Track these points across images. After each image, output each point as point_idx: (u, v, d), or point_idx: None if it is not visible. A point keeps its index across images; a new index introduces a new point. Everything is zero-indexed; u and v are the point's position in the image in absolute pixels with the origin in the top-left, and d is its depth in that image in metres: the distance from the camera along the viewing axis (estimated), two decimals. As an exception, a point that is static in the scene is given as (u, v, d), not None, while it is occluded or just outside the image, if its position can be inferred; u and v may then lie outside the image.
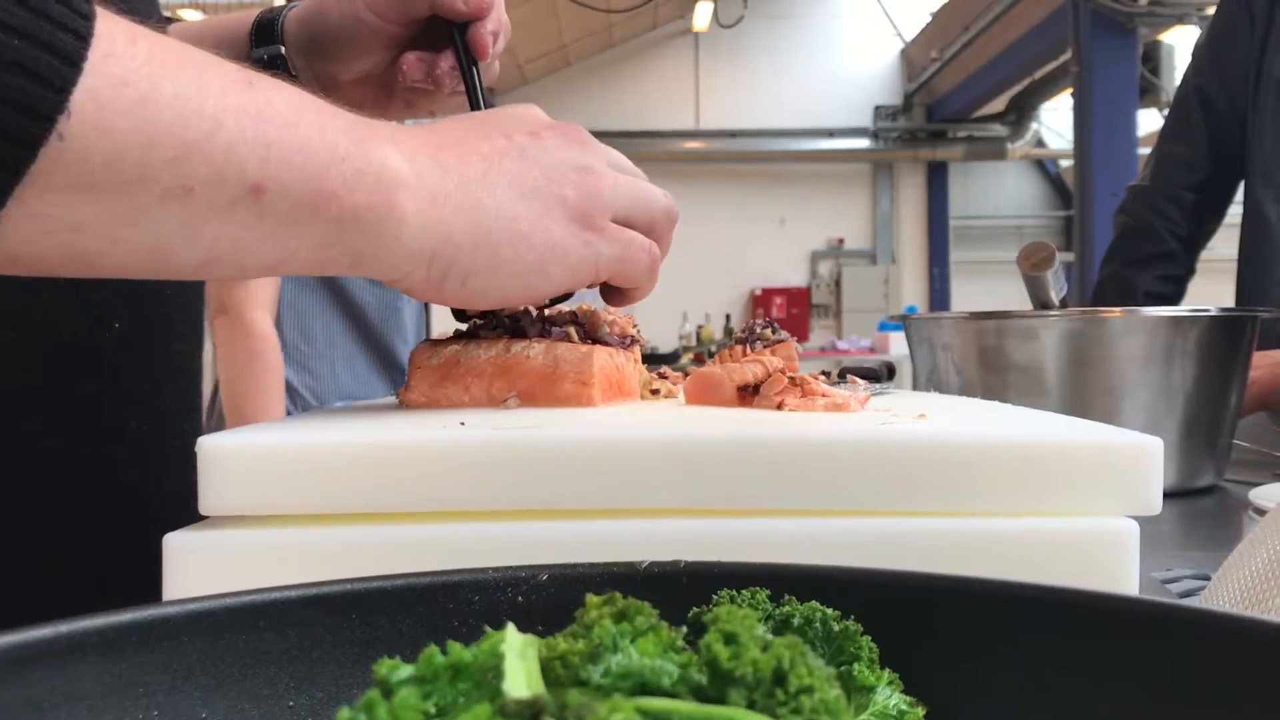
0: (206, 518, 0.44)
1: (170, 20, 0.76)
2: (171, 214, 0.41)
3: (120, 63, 0.38)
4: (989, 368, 1.06)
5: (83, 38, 0.37)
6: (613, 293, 0.60)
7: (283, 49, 0.73)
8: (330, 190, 0.44)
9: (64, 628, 0.28)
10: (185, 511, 0.44)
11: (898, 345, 7.43)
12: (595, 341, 0.59)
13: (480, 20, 0.69)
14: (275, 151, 0.42)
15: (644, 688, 0.23)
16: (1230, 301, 1.73)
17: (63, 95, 0.36)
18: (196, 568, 0.43)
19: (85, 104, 0.37)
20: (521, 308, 0.59)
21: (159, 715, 0.29)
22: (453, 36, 0.69)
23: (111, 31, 0.38)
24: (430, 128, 0.52)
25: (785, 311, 10.82)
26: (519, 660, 0.23)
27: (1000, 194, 12.03)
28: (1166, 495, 0.45)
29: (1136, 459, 0.44)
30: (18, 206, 0.37)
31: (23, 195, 0.37)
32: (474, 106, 0.68)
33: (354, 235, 0.46)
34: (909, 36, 10.67)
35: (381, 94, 0.75)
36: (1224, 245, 1.85)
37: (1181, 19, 7.02)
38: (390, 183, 0.46)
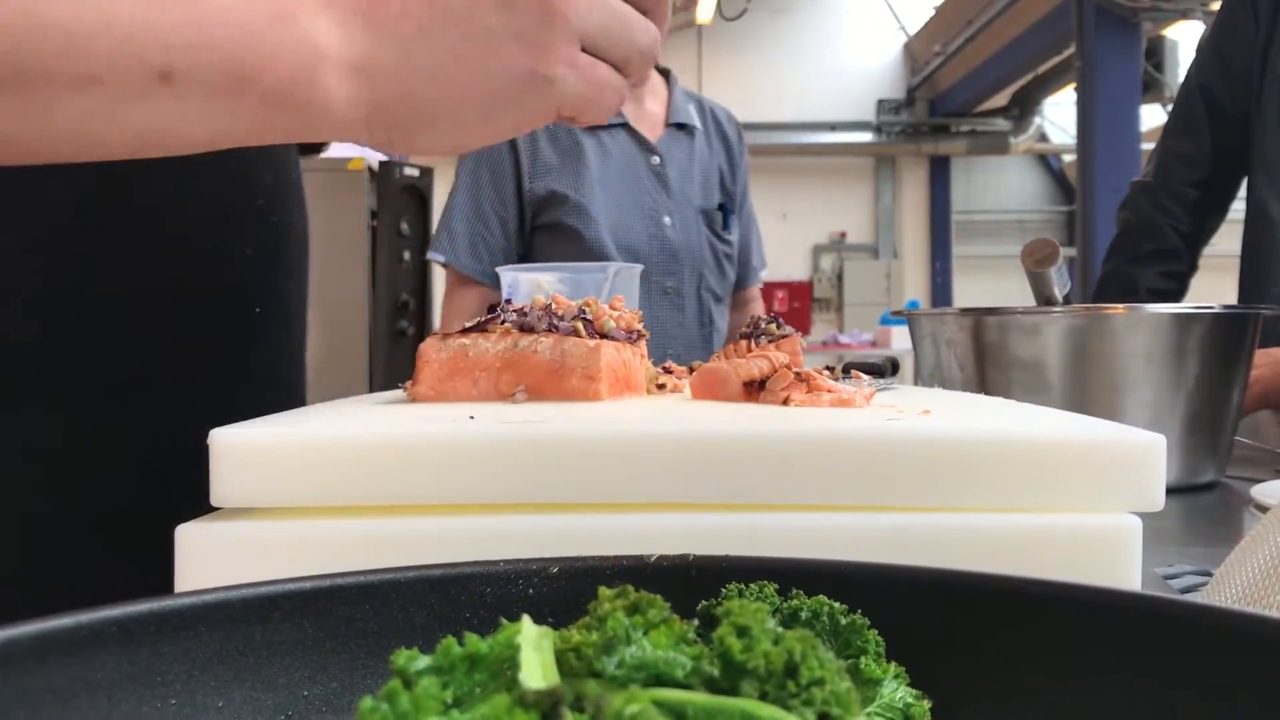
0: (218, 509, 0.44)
1: None
2: (84, 103, 0.42)
3: None
4: (992, 364, 1.06)
5: None
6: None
7: None
8: (246, 73, 0.44)
9: (84, 617, 0.28)
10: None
11: (899, 339, 7.44)
12: (602, 336, 0.60)
13: None
14: (179, 37, 0.42)
15: (658, 679, 0.23)
16: (1232, 298, 1.74)
17: None
18: (207, 559, 0.43)
19: None
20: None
21: (176, 704, 0.29)
22: None
23: None
24: None
25: (787, 305, 10.82)
26: (535, 652, 0.23)
27: (1002, 189, 12.03)
28: (1168, 491, 0.45)
29: (1140, 456, 0.44)
30: None
31: None
32: None
33: (280, 113, 0.46)
34: (912, 30, 10.66)
35: None
36: (1226, 242, 1.86)
37: (1185, 14, 7.01)
38: (310, 57, 0.45)
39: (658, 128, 2.00)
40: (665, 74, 2.07)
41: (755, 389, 0.58)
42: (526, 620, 0.25)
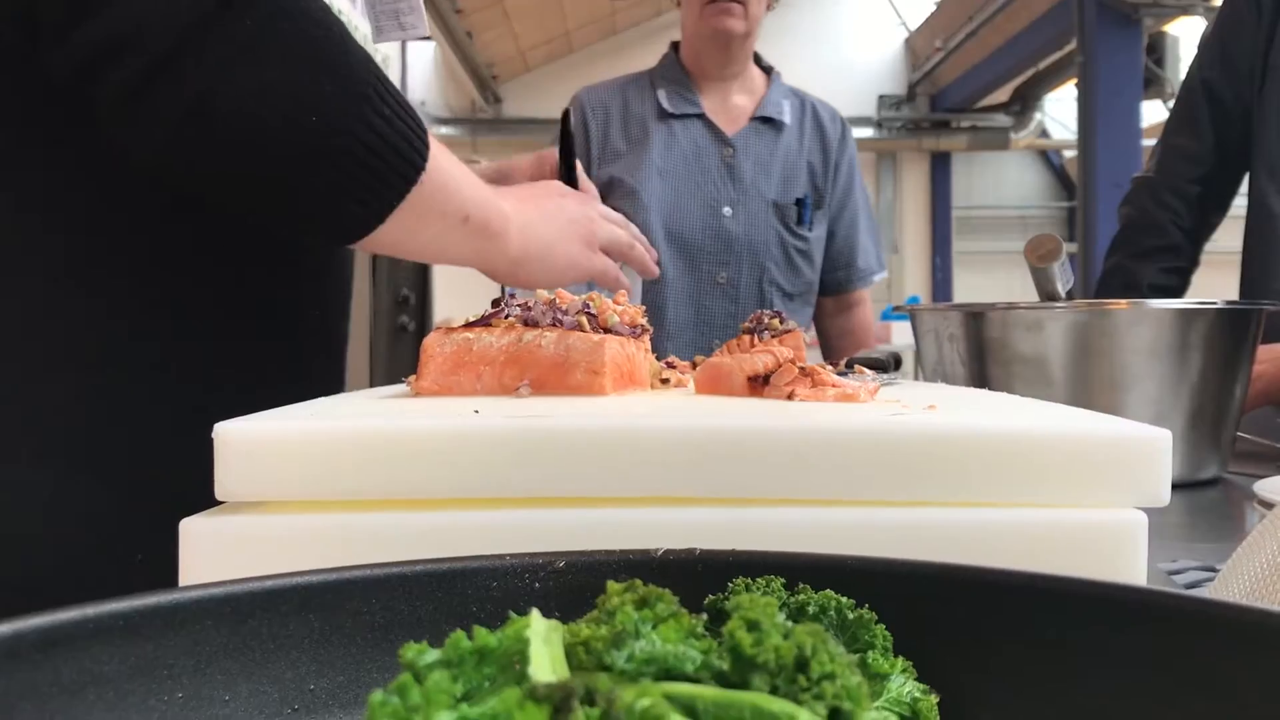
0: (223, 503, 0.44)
1: None
2: (435, 229, 0.77)
3: (431, 159, 0.74)
4: (994, 359, 1.06)
5: (426, 145, 0.74)
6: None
7: None
8: (488, 220, 0.82)
9: (90, 611, 0.28)
10: None
11: (899, 335, 7.43)
12: (606, 331, 0.60)
13: None
14: (470, 198, 0.79)
15: (667, 673, 0.23)
16: (1234, 294, 1.73)
17: (419, 170, 0.73)
18: (212, 552, 0.43)
19: (424, 175, 0.73)
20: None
21: (183, 697, 0.29)
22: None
23: (429, 143, 0.74)
24: (514, 192, 0.91)
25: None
26: (544, 645, 0.23)
27: (1003, 184, 12.01)
28: (1172, 487, 0.45)
29: (1145, 451, 0.44)
30: (390, 218, 0.73)
31: (393, 214, 0.72)
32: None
33: (490, 245, 0.84)
34: (913, 26, 10.64)
35: None
36: (1228, 238, 1.85)
37: (1186, 10, 7.00)
38: (507, 221, 0.85)
39: (740, 120, 2.00)
40: (767, 71, 2.07)
41: (759, 384, 0.58)
42: (536, 614, 0.25)
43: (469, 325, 0.59)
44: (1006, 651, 0.32)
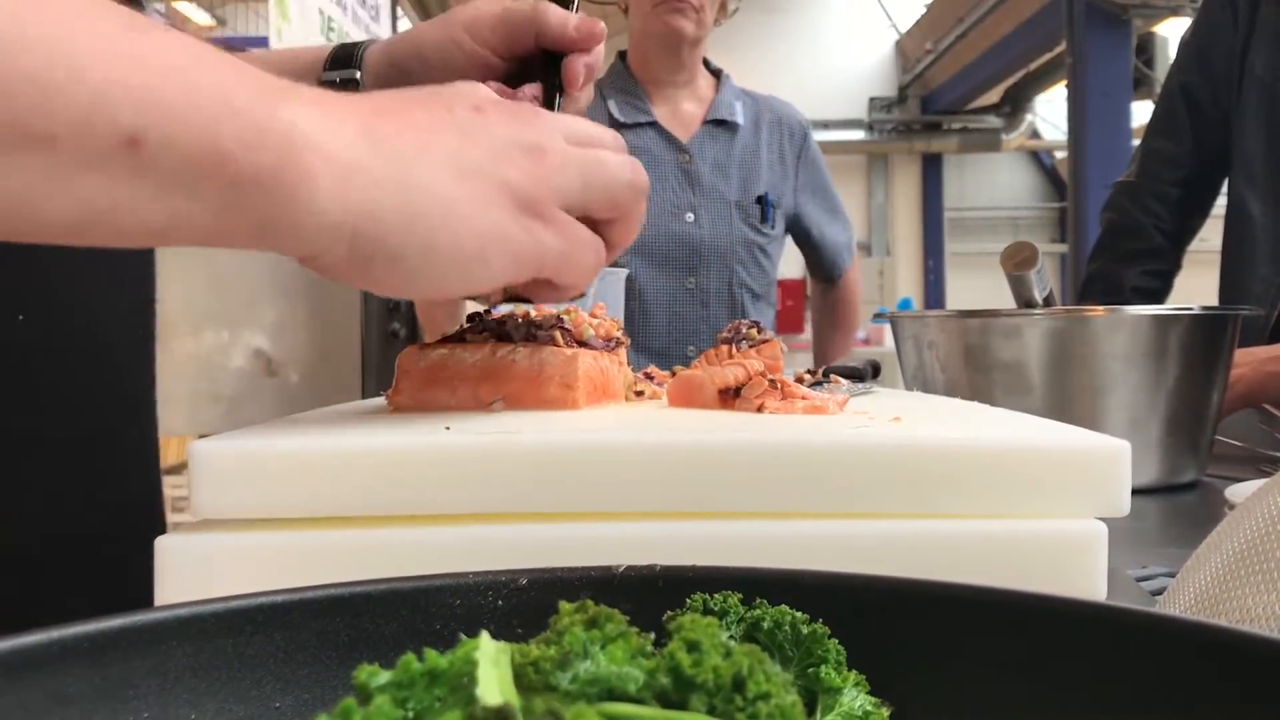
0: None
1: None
2: (34, 163, 0.36)
3: None
4: (973, 366, 1.07)
5: None
6: (545, 288, 0.53)
7: (358, 74, 0.69)
8: (224, 147, 0.39)
9: (55, 633, 0.29)
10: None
11: (891, 337, 7.46)
12: (581, 344, 0.60)
13: (583, 52, 0.65)
14: (155, 98, 0.37)
15: (610, 693, 0.24)
16: (1216, 291, 1.75)
17: None
18: (187, 570, 0.44)
19: None
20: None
21: (149, 717, 0.30)
22: (544, 66, 0.65)
23: None
24: (366, 96, 0.48)
25: (781, 303, 10.79)
26: (492, 667, 0.24)
27: (995, 186, 12.05)
28: (1149, 492, 0.46)
29: (1105, 462, 0.45)
30: None
31: None
32: None
33: (257, 200, 0.40)
34: (903, 28, 10.67)
35: None
36: (1216, 237, 1.86)
37: (1175, 11, 7.04)
38: (299, 144, 0.40)
39: (692, 125, 2.01)
40: (716, 74, 2.09)
41: (730, 396, 0.59)
42: (485, 636, 0.25)
43: (443, 341, 0.59)
44: (960, 665, 0.33)
